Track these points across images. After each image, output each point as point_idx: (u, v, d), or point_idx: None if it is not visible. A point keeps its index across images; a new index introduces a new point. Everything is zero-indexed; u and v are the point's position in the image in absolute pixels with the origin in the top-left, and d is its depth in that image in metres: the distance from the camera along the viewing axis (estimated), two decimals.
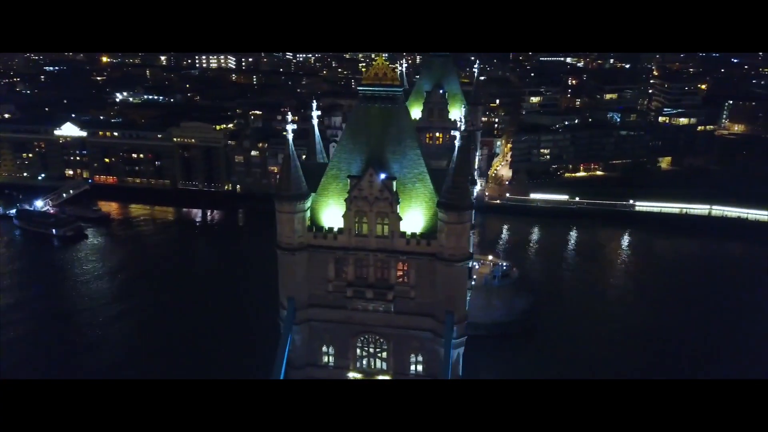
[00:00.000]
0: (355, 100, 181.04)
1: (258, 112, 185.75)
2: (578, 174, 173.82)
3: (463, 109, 46.48)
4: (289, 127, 41.77)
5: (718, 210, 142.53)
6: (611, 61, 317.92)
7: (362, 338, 45.34)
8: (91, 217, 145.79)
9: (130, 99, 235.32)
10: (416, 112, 75.90)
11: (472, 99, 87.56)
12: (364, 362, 45.94)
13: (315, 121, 47.09)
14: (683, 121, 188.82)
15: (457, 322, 42.56)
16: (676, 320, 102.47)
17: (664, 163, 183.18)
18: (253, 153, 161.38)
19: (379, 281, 43.22)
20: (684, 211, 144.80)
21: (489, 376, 71.46)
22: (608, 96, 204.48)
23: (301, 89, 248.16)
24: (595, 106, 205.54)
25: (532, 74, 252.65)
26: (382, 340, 45.05)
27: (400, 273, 43.31)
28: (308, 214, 43.34)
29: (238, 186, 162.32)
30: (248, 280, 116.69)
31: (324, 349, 46.04)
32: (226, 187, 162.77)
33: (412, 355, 44.98)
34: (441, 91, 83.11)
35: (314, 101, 47.61)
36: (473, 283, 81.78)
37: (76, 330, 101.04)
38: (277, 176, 45.15)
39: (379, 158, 42.35)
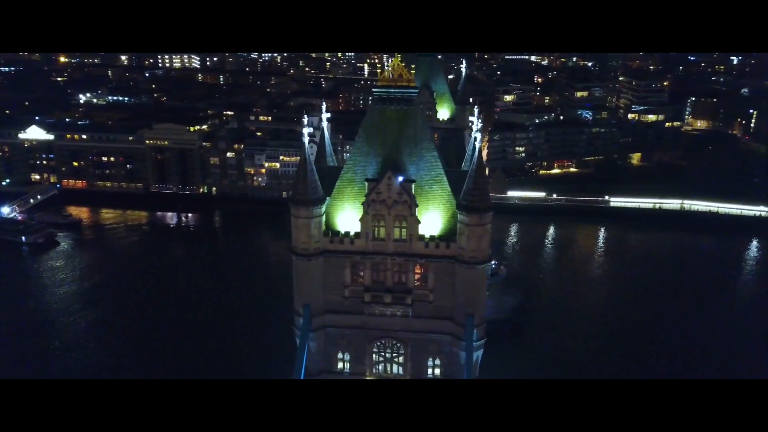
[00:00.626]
0: (327, 100, 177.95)
1: (230, 113, 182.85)
2: (553, 171, 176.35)
3: (476, 110, 46.21)
4: (305, 131, 40.80)
5: (690, 204, 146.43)
6: (574, 59, 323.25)
7: (379, 343, 44.67)
8: (62, 223, 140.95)
9: (94, 100, 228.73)
10: None
11: (459, 99, 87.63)
12: (381, 368, 45.31)
13: (325, 124, 46.16)
14: (651, 117, 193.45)
15: (477, 325, 42.30)
16: (657, 314, 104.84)
17: (635, 159, 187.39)
18: (228, 154, 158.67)
19: (396, 285, 42.61)
20: (657, 205, 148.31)
21: (487, 376, 71.66)
22: (579, 94, 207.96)
23: (271, 89, 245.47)
24: (567, 103, 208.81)
25: (499, 72, 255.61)
26: (399, 344, 44.45)
27: (417, 276, 42.83)
28: (324, 218, 42.52)
29: (214, 188, 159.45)
30: (228, 283, 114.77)
31: (339, 355, 45.20)
32: (201, 190, 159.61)
33: (430, 359, 44.55)
34: (430, 91, 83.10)
35: (323, 104, 46.78)
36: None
37: (52, 338, 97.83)
38: (293, 181, 44.20)
39: (396, 161, 41.76)
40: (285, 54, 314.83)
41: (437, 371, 44.60)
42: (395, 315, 43.00)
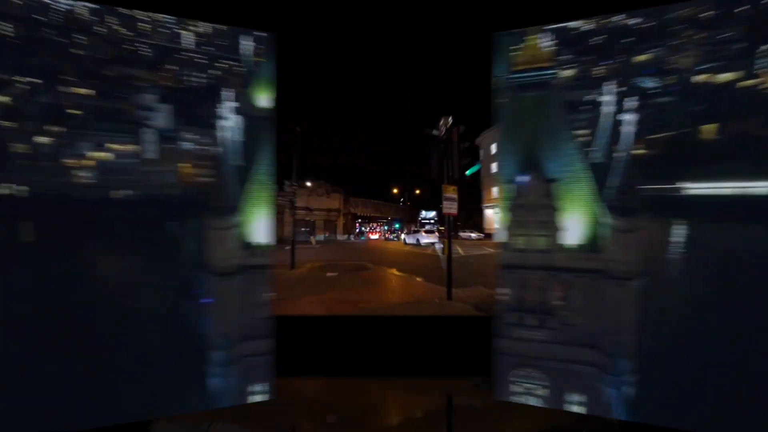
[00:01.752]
0: (154, 72, 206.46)
1: (38, 81, 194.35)
2: None
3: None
4: None
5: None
6: (613, 19, 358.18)
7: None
8: None
9: None
10: None
11: None
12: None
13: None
14: (724, 77, 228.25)
15: (629, 355, 63.02)
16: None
17: (709, 131, 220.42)
18: (41, 140, 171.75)
19: (537, 305, 62.75)
20: (743, 191, 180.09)
21: None
22: (638, 58, 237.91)
23: (78, 51, 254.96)
24: (626, 71, 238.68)
25: None
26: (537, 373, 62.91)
27: (559, 294, 63.14)
28: None
29: (25, 187, 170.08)
30: (50, 323, 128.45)
31: None
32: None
33: (567, 393, 64.56)
34: None
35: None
36: None
37: None
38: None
39: (534, 157, 62.93)
40: (85, 4, 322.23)
41: (580, 408, 65.34)
42: (532, 339, 63.34)
